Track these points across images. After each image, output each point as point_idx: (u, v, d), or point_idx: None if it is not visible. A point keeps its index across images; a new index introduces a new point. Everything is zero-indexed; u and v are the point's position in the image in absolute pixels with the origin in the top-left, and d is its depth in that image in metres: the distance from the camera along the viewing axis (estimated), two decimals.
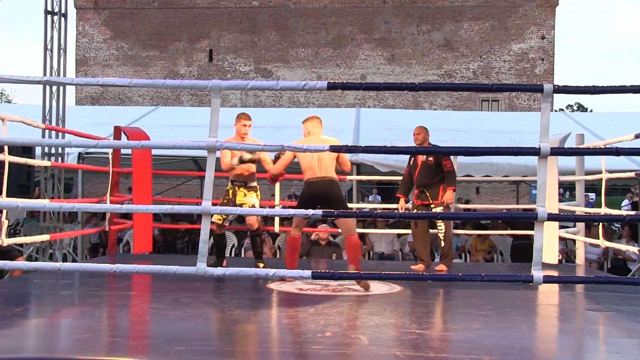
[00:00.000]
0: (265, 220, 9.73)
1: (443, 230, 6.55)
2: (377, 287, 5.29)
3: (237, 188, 6.24)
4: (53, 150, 8.78)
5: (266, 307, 4.65)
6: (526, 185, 16.25)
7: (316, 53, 26.05)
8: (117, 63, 26.56)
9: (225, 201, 6.24)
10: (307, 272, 3.60)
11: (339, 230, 8.67)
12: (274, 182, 6.07)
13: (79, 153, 9.12)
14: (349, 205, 8.71)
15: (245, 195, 6.20)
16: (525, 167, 8.76)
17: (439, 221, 6.55)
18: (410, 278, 5.25)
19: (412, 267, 6.78)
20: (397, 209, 6.94)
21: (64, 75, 9.23)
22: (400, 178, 8.92)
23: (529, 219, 3.73)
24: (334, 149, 3.92)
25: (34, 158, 6.69)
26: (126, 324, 3.98)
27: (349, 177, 8.50)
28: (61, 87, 9.01)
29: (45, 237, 6.14)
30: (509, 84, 4.07)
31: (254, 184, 6.29)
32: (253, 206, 6.07)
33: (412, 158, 6.78)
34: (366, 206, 10.09)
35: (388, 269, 6.76)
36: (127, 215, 8.68)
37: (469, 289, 5.32)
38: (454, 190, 6.58)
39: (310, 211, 3.77)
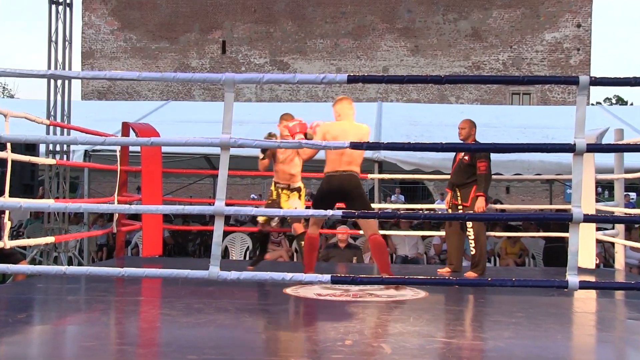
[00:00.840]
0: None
1: (472, 237, 6.49)
2: (401, 293, 5.27)
3: (280, 190, 6.31)
4: (58, 148, 8.85)
5: (283, 313, 4.66)
6: (560, 185, 16.11)
7: (335, 44, 26.04)
8: (125, 55, 26.75)
9: (270, 202, 6.35)
10: (326, 277, 3.59)
11: (360, 232, 8.71)
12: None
13: (85, 150, 9.19)
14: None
15: (288, 197, 6.28)
16: (559, 164, 8.68)
17: (469, 225, 6.50)
18: (436, 283, 5.21)
19: (439, 270, 6.75)
20: (422, 209, 6.92)
21: (69, 68, 9.30)
22: (426, 176, 8.89)
23: (563, 220, 3.70)
24: (354, 146, 3.91)
25: (38, 156, 6.75)
26: (135, 331, 4.01)
27: (370, 176, 8.49)
28: (66, 81, 9.08)
29: (50, 239, 6.20)
30: (541, 76, 4.04)
31: (298, 184, 6.34)
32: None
33: (455, 153, 6.74)
34: (389, 206, 10.07)
35: (412, 273, 6.72)
36: (135, 216, 8.73)
37: (499, 295, 5.29)
38: (485, 197, 6.41)
39: (330, 212, 3.77)
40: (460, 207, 6.52)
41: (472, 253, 6.52)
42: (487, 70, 25.23)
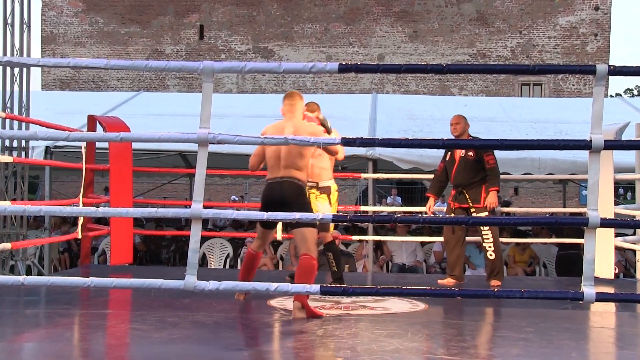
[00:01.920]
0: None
1: (490, 240, 6.52)
2: (398, 305, 5.28)
3: (308, 189, 6.15)
4: (15, 144, 8.81)
5: (267, 328, 4.65)
6: (575, 185, 16.18)
7: (325, 29, 26.05)
8: (91, 41, 26.65)
9: None
10: (315, 287, 3.60)
11: (352, 238, 8.72)
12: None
13: (47, 147, 9.14)
14: (364, 207, 8.71)
15: (316, 198, 6.09)
16: (574, 163, 8.71)
17: (485, 228, 6.52)
18: (436, 294, 5.24)
19: (440, 281, 6.77)
20: (422, 212, 6.93)
21: (28, 55, 9.25)
22: (425, 176, 8.88)
23: (578, 225, 3.71)
24: (347, 142, 3.92)
25: None
26: (101, 349, 4.00)
27: (364, 175, 8.49)
28: (24, 69, 9.03)
29: (6, 246, 6.16)
30: (554, 65, 4.06)
31: (327, 183, 6.13)
32: None
33: (449, 152, 6.75)
34: (384, 209, 10.09)
35: (410, 283, 6.75)
36: (103, 220, 8.70)
37: (507, 308, 5.30)
38: (498, 192, 6.54)
39: (319, 215, 3.77)
40: (472, 210, 6.53)
41: (492, 258, 6.53)
42: (493, 59, 25.32)
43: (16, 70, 8.94)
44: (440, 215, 7.98)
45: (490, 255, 6.53)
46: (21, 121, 8.19)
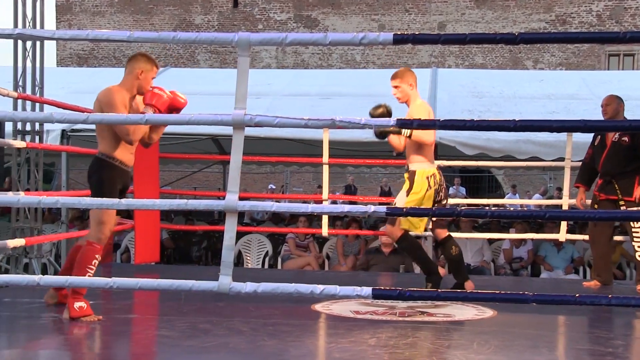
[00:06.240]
0: (310, 220, 9.80)
1: None
2: (461, 311, 5.27)
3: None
4: (28, 127, 8.96)
5: (311, 336, 4.68)
6: None
7: None
8: (112, 10, 26.95)
9: None
10: (366, 290, 3.60)
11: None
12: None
13: (63, 130, 9.29)
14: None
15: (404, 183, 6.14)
16: None
17: (635, 224, 6.48)
18: (506, 299, 5.20)
19: (585, 284, 6.78)
20: (489, 205, 6.89)
21: (42, 26, 9.38)
22: (493, 163, 8.83)
23: None
24: (402, 123, 3.91)
25: (3, 137, 6.85)
26: (125, 357, 4.06)
27: None
28: (38, 43, 9.18)
29: (19, 242, 6.28)
30: None
31: (414, 167, 6.00)
32: None
33: (599, 137, 6.71)
34: None
35: (476, 287, 6.72)
36: (126, 214, 8.82)
37: (591, 316, 5.24)
38: None
39: (371, 208, 3.77)
40: (622, 202, 6.50)
41: None
42: (575, 26, 24.93)
43: (28, 44, 9.08)
44: (513, 208, 7.89)
45: (638, 255, 6.51)
46: (35, 101, 8.32)
